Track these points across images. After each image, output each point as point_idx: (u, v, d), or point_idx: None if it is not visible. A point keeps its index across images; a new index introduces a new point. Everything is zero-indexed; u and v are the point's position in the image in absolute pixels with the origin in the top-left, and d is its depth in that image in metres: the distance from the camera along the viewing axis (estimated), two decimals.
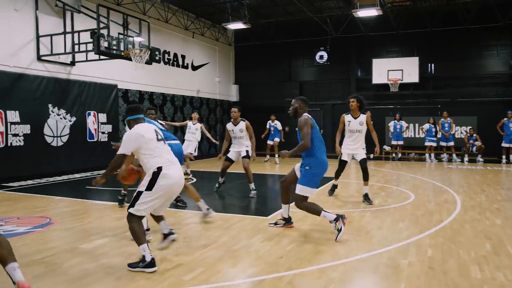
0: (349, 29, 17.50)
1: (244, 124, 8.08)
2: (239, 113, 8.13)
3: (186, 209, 6.85)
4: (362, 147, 7.81)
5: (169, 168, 4.10)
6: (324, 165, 5.26)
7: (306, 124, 5.13)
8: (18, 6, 10.40)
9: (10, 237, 5.13)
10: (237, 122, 8.12)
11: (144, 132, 4.14)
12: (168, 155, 4.22)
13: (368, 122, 7.74)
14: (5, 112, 10.05)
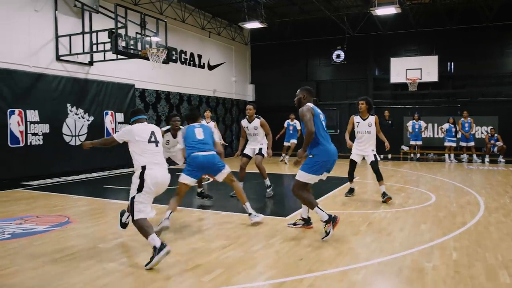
0: (367, 27, 17.31)
1: (259, 122, 7.96)
2: (254, 110, 8.00)
3: (204, 209, 6.81)
4: (371, 148, 7.82)
5: (152, 168, 4.37)
6: (330, 153, 5.15)
7: (307, 111, 5.05)
8: (38, 7, 10.51)
9: (30, 236, 5.16)
10: (252, 119, 8.03)
11: (137, 131, 4.47)
12: (154, 157, 4.46)
13: (376, 124, 7.82)
14: (25, 112, 10.16)
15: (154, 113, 14.66)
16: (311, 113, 5.06)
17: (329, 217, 5.01)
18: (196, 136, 5.83)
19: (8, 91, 9.80)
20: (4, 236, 5.17)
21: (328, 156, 5.13)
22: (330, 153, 5.15)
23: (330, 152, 5.14)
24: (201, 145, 5.76)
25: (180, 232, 5.37)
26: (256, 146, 8.09)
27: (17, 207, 7.05)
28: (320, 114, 5.20)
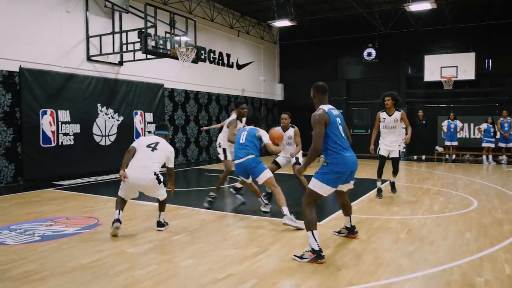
0: (399, 24, 16.79)
1: (293, 131, 7.65)
2: (289, 120, 7.69)
3: (235, 213, 6.61)
4: (398, 144, 8.12)
5: (130, 168, 5.31)
6: (347, 163, 4.39)
7: (318, 122, 4.32)
8: (69, 8, 10.56)
9: (59, 238, 5.08)
10: (287, 128, 7.72)
11: (142, 140, 5.65)
12: (140, 161, 5.35)
13: (403, 119, 7.98)
14: (56, 112, 10.23)
15: (183, 113, 14.60)
16: (324, 121, 4.31)
17: (318, 251, 4.21)
18: (239, 140, 6.38)
19: (40, 91, 9.88)
20: (34, 238, 5.12)
21: (344, 166, 4.39)
22: (346, 163, 4.40)
23: (347, 162, 4.40)
24: (239, 150, 6.32)
25: (211, 237, 5.18)
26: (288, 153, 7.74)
27: (47, 207, 7.04)
28: (336, 118, 4.44)
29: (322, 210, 7.08)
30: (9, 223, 5.89)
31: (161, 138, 5.66)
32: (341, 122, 4.54)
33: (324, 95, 4.60)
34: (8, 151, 9.34)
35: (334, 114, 4.45)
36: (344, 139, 4.50)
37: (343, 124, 4.58)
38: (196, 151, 15.35)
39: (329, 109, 4.43)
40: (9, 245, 4.81)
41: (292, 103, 20.87)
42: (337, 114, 4.50)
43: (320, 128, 4.31)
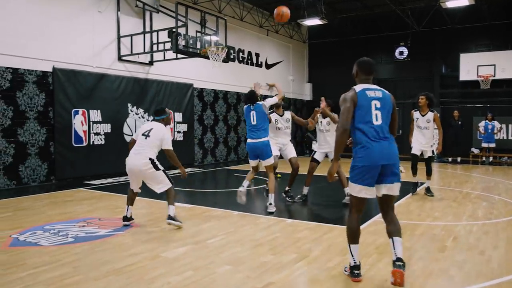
0: (433, 21, 16.26)
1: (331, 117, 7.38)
2: (329, 108, 7.38)
3: (268, 216, 6.41)
4: (430, 144, 8.13)
5: (129, 155, 5.62)
6: (371, 154, 3.54)
7: (344, 101, 3.63)
8: (101, 8, 10.59)
9: (92, 240, 4.99)
10: (325, 117, 7.44)
11: (139, 129, 5.85)
12: (135, 149, 5.61)
13: (436, 120, 7.95)
14: (88, 111, 10.27)
15: (212, 113, 14.51)
16: (352, 102, 3.59)
17: (353, 267, 3.77)
18: (251, 121, 6.69)
19: (73, 91, 9.93)
20: (68, 239, 5.05)
21: (368, 158, 3.54)
22: (371, 155, 3.54)
23: (372, 153, 3.54)
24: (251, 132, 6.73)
25: (247, 242, 5.00)
26: (330, 150, 7.44)
27: (80, 207, 7.01)
28: (373, 101, 3.61)
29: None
30: (43, 223, 5.86)
31: (157, 123, 5.74)
32: (382, 107, 3.63)
33: (367, 76, 3.80)
34: (41, 151, 9.42)
35: (370, 96, 3.62)
36: (378, 126, 3.60)
37: (385, 109, 3.65)
38: (225, 151, 15.23)
39: (362, 89, 3.65)
40: (43, 246, 4.75)
41: None
42: (375, 97, 3.63)
43: (347, 105, 3.59)
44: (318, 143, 7.63)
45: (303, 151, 20.09)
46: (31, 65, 9.19)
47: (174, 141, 12.71)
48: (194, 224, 5.90)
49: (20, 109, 8.99)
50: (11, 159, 8.88)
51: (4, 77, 8.71)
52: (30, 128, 9.19)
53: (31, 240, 5.01)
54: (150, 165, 5.48)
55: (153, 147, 5.57)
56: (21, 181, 9.08)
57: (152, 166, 5.50)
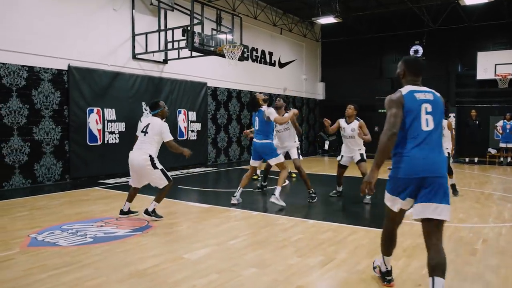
0: (449, 19, 15.96)
1: (358, 124, 7.29)
2: (355, 111, 7.35)
3: (290, 216, 6.26)
4: (445, 148, 7.87)
5: (132, 150, 5.82)
6: (411, 164, 3.06)
7: (390, 103, 3.18)
8: (116, 6, 10.51)
9: (111, 241, 4.88)
10: (351, 120, 7.37)
11: (139, 126, 6.31)
12: (136, 145, 5.81)
13: (449, 127, 7.87)
14: (102, 110, 10.20)
15: (225, 112, 14.39)
16: (400, 105, 3.14)
17: (384, 273, 3.63)
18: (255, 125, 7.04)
19: (88, 90, 9.86)
20: (87, 239, 4.94)
21: (407, 169, 3.07)
22: (411, 164, 3.07)
23: (412, 163, 3.07)
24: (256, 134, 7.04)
25: (269, 243, 4.85)
26: (354, 153, 7.43)
27: (96, 207, 6.92)
28: (423, 105, 3.14)
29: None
30: (60, 222, 5.77)
31: (154, 118, 5.84)
32: (433, 111, 3.16)
33: (416, 77, 3.34)
34: (56, 149, 9.36)
35: (419, 98, 3.16)
36: (426, 134, 3.10)
37: (437, 114, 3.17)
38: (238, 150, 15.11)
39: (410, 91, 3.20)
40: (62, 246, 4.65)
41: (334, 102, 20.34)
42: (424, 99, 3.17)
43: (391, 110, 3.15)
44: (344, 146, 7.61)
45: (316, 151, 19.91)
46: (47, 63, 9.13)
47: (188, 140, 12.62)
48: (214, 224, 5.77)
49: (35, 108, 8.94)
50: (26, 158, 8.83)
51: (20, 75, 8.66)
52: (46, 126, 9.13)
53: (49, 240, 4.92)
54: (148, 162, 5.62)
55: (152, 142, 5.69)
56: (36, 180, 9.02)
57: (150, 163, 5.64)
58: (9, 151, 8.54)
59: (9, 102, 8.49)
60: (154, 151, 5.72)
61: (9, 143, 8.53)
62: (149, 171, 5.68)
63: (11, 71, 8.50)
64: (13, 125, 8.57)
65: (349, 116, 7.37)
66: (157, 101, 6.07)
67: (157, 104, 5.97)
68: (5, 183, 8.51)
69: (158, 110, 5.92)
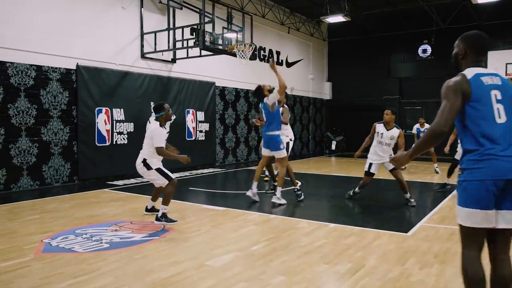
0: (459, 18, 15.76)
1: (398, 132, 7.00)
2: (393, 116, 7.02)
3: (310, 220, 6.06)
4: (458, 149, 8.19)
5: None
6: (494, 165, 2.45)
7: (448, 91, 2.57)
8: (125, 4, 10.32)
9: (129, 246, 4.69)
10: (390, 127, 7.03)
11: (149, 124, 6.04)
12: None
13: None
14: (111, 110, 10.01)
15: (233, 112, 14.20)
16: (461, 92, 2.52)
17: None
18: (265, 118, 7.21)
19: (96, 89, 9.67)
20: (103, 245, 4.75)
21: (490, 171, 2.46)
22: (497, 167, 2.46)
23: (497, 165, 2.46)
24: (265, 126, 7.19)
25: (293, 249, 4.66)
26: (387, 160, 7.04)
27: (108, 210, 6.73)
28: (492, 91, 2.54)
29: (408, 216, 6.47)
30: (73, 226, 5.58)
31: (153, 122, 5.79)
32: (503, 98, 2.55)
33: (480, 56, 2.72)
34: (65, 150, 9.17)
35: (487, 83, 2.55)
36: (503, 126, 2.51)
37: (508, 101, 2.56)
38: (246, 151, 14.92)
39: (475, 75, 2.56)
40: (78, 253, 4.46)
41: (341, 102, 20.18)
42: (493, 84, 2.56)
43: (448, 99, 2.55)
44: (374, 153, 7.23)
45: (323, 151, 19.72)
46: (55, 62, 8.95)
47: (196, 141, 12.42)
48: (233, 228, 5.57)
49: (44, 108, 8.75)
50: (34, 159, 8.64)
51: (28, 74, 8.47)
52: (54, 127, 8.95)
53: (64, 245, 4.72)
54: (141, 165, 5.72)
55: (148, 146, 5.71)
56: (44, 182, 8.84)
57: (143, 165, 5.71)
58: (17, 152, 8.35)
59: (17, 102, 8.30)
60: (150, 154, 5.71)
61: (17, 144, 8.35)
62: (144, 172, 5.79)
63: (19, 71, 8.31)
64: (21, 125, 8.38)
65: (387, 122, 7.04)
66: (162, 103, 5.92)
67: (161, 107, 5.82)
68: (13, 185, 8.32)
69: (162, 113, 5.79)
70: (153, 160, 5.73)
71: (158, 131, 5.66)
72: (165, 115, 5.81)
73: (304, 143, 18.64)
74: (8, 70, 8.15)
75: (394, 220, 6.35)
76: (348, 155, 17.93)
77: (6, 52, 8.13)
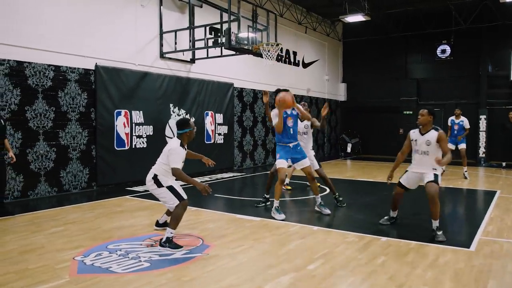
0: (480, 18, 15.30)
1: (436, 135, 5.48)
2: (429, 117, 5.56)
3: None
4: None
5: None
6: None
7: None
8: (144, 2, 9.87)
9: (172, 266, 4.23)
10: (426, 129, 5.60)
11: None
12: None
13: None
14: (130, 113, 9.56)
15: (251, 114, 13.73)
16: None
17: None
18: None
19: (115, 91, 9.22)
20: (142, 264, 4.28)
21: None
22: None
23: None
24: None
25: (355, 268, 4.19)
26: (426, 170, 5.50)
27: (136, 220, 6.27)
28: None
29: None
30: (103, 241, 5.12)
31: (173, 139, 5.19)
32: None
33: None
34: (83, 155, 8.72)
35: None
36: None
37: None
38: (263, 154, 14.45)
39: None
40: (118, 274, 3.99)
41: (356, 104, 19.73)
42: None
43: None
44: (412, 165, 5.74)
45: (338, 154, 19.24)
46: (73, 62, 8.50)
47: (215, 144, 11.97)
48: (278, 243, 5.11)
49: (62, 110, 8.31)
50: (52, 164, 8.19)
51: (46, 75, 8.02)
52: (72, 130, 8.50)
53: (99, 264, 4.26)
54: (152, 182, 5.07)
55: (162, 163, 5.08)
56: (62, 188, 8.39)
57: (153, 182, 5.07)
58: (35, 157, 7.90)
59: (34, 105, 7.86)
60: (162, 172, 5.04)
61: (35, 149, 7.90)
62: (154, 190, 5.12)
63: (37, 71, 7.87)
64: (39, 129, 7.93)
65: (422, 124, 5.61)
66: (188, 119, 5.22)
67: (187, 123, 5.10)
68: (30, 192, 7.87)
69: (186, 130, 5.06)
70: (165, 178, 5.05)
71: (178, 151, 4.95)
72: (189, 133, 5.09)
73: (319, 146, 18.16)
74: (25, 70, 7.70)
75: (447, 233, 5.85)
76: (365, 158, 17.45)
77: (25, 52, 7.68)
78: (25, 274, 3.95)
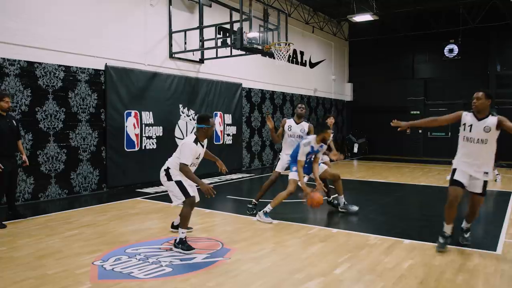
0: (489, 17, 15.17)
1: (496, 120, 4.61)
2: (487, 100, 4.67)
3: (375, 234, 5.47)
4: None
5: None
6: None
7: None
8: (153, 1, 9.76)
9: (194, 271, 4.12)
10: (483, 115, 4.70)
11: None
12: None
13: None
14: (140, 113, 9.45)
15: (259, 114, 13.62)
16: None
17: None
18: None
19: (125, 91, 9.12)
20: (164, 269, 4.17)
21: None
22: None
23: None
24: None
25: (384, 272, 4.07)
26: (480, 176, 4.78)
27: (151, 223, 6.17)
28: None
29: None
30: (120, 244, 5.01)
31: (191, 135, 5.02)
32: None
33: None
34: (93, 156, 8.62)
35: None
36: None
37: None
38: (271, 155, 14.34)
39: None
40: (140, 279, 3.88)
41: (362, 104, 19.62)
42: None
43: None
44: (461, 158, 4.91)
45: (344, 154, 19.10)
46: (83, 62, 8.40)
47: (224, 145, 11.87)
48: (300, 246, 4.99)
49: (72, 111, 8.21)
50: (62, 166, 8.09)
51: (57, 75, 7.93)
52: (82, 131, 8.40)
53: (120, 269, 4.15)
54: (163, 173, 5.06)
55: (176, 157, 5.00)
56: (72, 190, 8.29)
57: (165, 174, 5.04)
58: (45, 159, 7.80)
59: (45, 106, 7.76)
60: (175, 165, 4.94)
61: (45, 150, 7.80)
62: (165, 182, 5.09)
63: (47, 71, 7.77)
64: (49, 130, 7.84)
65: (479, 109, 4.68)
66: (209, 115, 5.12)
67: (207, 119, 4.98)
68: (41, 194, 7.77)
69: (203, 125, 4.93)
70: (176, 172, 4.94)
71: (190, 146, 4.84)
72: (205, 129, 4.96)
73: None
74: (36, 71, 7.60)
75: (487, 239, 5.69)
76: (371, 158, 17.32)
77: (35, 52, 7.59)
78: (46, 280, 3.84)
